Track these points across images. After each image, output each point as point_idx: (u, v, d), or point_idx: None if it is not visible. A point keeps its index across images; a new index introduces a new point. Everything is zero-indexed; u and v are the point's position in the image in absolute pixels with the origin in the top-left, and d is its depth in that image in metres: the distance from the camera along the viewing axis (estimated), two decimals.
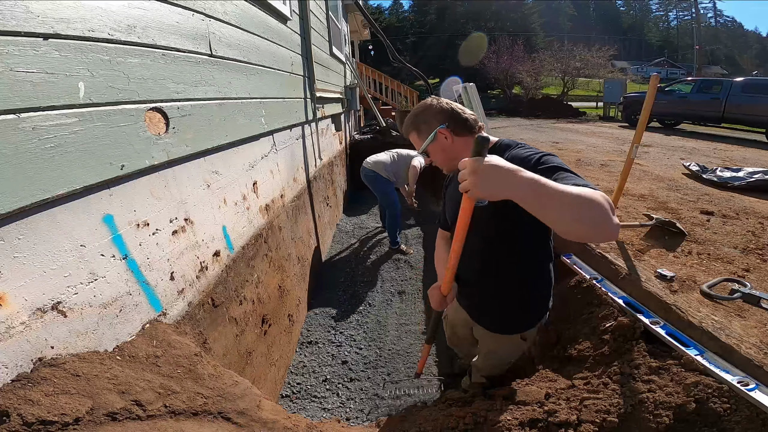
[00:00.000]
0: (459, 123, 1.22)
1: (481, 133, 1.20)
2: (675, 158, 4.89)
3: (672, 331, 1.35)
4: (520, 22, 29.47)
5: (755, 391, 1.06)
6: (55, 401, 0.83)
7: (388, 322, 3.00)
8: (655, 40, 50.08)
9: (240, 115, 2.03)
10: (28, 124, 0.87)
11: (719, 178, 3.49)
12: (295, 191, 3.14)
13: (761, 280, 1.69)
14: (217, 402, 1.13)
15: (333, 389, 2.36)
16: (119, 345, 1.10)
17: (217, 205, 1.78)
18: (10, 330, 0.82)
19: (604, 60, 18.61)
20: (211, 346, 1.54)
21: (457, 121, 1.22)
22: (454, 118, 1.22)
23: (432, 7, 30.28)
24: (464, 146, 1.23)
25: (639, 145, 2.03)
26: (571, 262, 1.95)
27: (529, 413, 1.18)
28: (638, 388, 1.18)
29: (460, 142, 1.23)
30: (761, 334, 1.28)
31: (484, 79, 18.96)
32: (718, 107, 8.16)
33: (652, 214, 2.35)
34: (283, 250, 2.64)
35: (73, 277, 0.98)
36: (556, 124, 10.60)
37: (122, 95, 1.16)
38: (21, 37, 0.86)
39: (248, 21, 2.20)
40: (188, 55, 1.54)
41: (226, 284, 1.76)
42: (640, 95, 10.32)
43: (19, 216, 0.86)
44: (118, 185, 1.16)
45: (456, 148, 1.23)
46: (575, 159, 4.76)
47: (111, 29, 1.13)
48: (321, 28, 4.62)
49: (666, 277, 1.65)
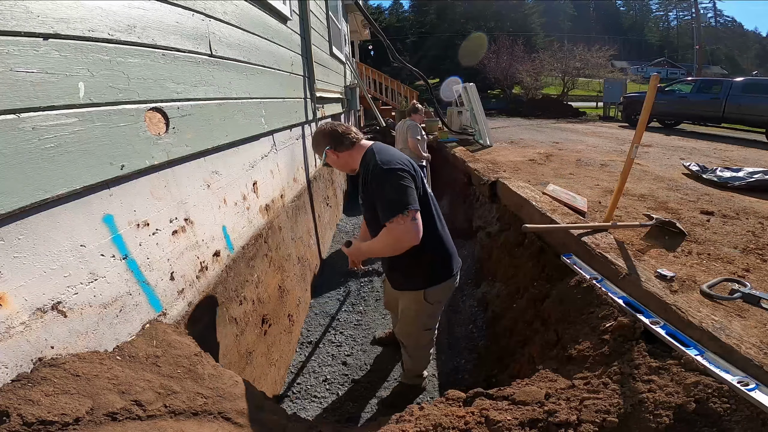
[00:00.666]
0: (338, 142, 1.61)
1: (360, 143, 1.63)
2: (675, 158, 4.89)
3: (672, 331, 1.35)
4: (520, 22, 29.43)
5: (755, 391, 1.06)
6: (55, 401, 0.83)
7: (388, 321, 3.00)
8: (655, 40, 50.08)
9: (240, 115, 2.03)
10: (28, 124, 0.87)
11: (719, 178, 3.49)
12: (295, 191, 3.14)
13: (761, 280, 1.69)
14: (217, 402, 1.13)
15: (333, 389, 2.36)
16: (119, 345, 1.10)
17: (217, 205, 1.78)
18: (10, 330, 0.82)
19: (604, 60, 18.59)
20: (211, 346, 1.54)
21: (336, 141, 1.61)
22: (334, 140, 1.61)
23: (432, 7, 30.25)
24: (349, 157, 1.63)
25: (639, 145, 2.03)
26: (571, 262, 1.95)
27: (529, 413, 1.18)
28: (638, 388, 1.18)
29: (345, 155, 1.63)
30: (761, 334, 1.28)
31: (484, 79, 18.93)
32: (718, 107, 8.15)
33: (652, 214, 2.35)
34: (283, 250, 2.64)
35: (73, 277, 0.98)
36: (556, 124, 10.60)
37: (122, 95, 1.16)
38: (21, 37, 0.86)
39: (248, 21, 2.20)
40: (188, 55, 1.54)
41: (226, 284, 1.76)
42: (640, 95, 10.32)
43: (19, 216, 0.86)
44: (118, 185, 1.16)
45: (341, 161, 1.65)
46: (575, 159, 4.76)
47: (111, 29, 1.13)
48: (321, 28, 4.62)
49: (666, 277, 1.65)
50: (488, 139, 6.07)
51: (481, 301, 3.00)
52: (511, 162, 4.55)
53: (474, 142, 6.35)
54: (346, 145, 1.61)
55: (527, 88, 17.85)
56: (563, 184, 3.30)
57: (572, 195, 2.85)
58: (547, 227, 2.26)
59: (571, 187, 3.26)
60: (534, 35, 28.96)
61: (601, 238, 2.00)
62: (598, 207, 2.74)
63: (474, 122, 6.39)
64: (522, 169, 4.08)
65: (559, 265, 2.06)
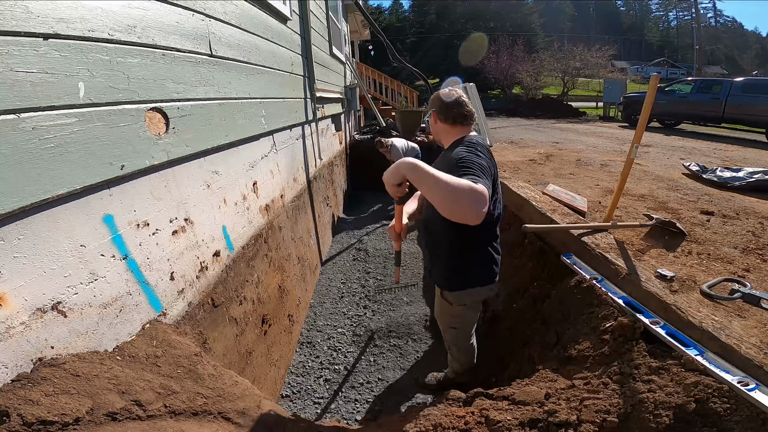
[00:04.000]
0: (445, 113, 1.60)
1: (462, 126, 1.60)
2: (675, 158, 4.89)
3: (672, 331, 1.35)
4: (520, 22, 29.44)
5: (755, 391, 1.06)
6: (55, 401, 0.83)
7: (388, 321, 3.00)
8: (655, 40, 50.06)
9: (240, 115, 2.03)
10: (28, 124, 0.87)
11: (719, 178, 3.49)
12: (295, 191, 3.14)
13: (761, 280, 1.69)
14: (217, 402, 1.13)
15: (333, 389, 2.36)
16: (119, 345, 1.10)
17: (217, 205, 1.78)
18: (10, 330, 0.82)
19: (604, 60, 18.62)
20: (211, 346, 1.54)
21: (444, 111, 1.60)
22: (443, 109, 1.60)
23: (432, 7, 30.25)
24: (443, 131, 1.64)
25: (639, 145, 2.03)
26: (571, 262, 1.95)
27: (529, 413, 1.18)
28: (638, 388, 1.18)
29: (442, 126, 1.63)
30: (761, 334, 1.28)
31: (484, 79, 18.94)
32: (718, 107, 8.15)
33: (652, 214, 2.35)
34: (283, 250, 2.64)
35: (73, 277, 0.98)
36: (556, 124, 10.60)
37: (122, 95, 1.16)
38: (21, 37, 0.86)
39: (248, 21, 2.20)
40: (188, 55, 1.54)
41: (226, 284, 1.76)
42: (640, 95, 10.32)
43: (19, 216, 0.86)
44: (118, 185, 1.16)
45: (437, 128, 1.66)
46: (575, 159, 4.75)
47: (111, 29, 1.13)
48: (321, 28, 4.62)
49: (666, 277, 1.65)
50: (488, 139, 6.06)
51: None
52: (511, 162, 4.55)
53: None
54: (449, 119, 1.59)
55: (527, 88, 17.86)
56: (563, 184, 3.30)
57: (572, 195, 2.85)
58: (547, 227, 2.26)
59: (571, 187, 3.26)
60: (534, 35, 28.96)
61: (601, 238, 2.00)
62: (598, 207, 2.74)
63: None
64: (522, 169, 4.08)
65: (559, 265, 2.06)
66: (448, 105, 1.57)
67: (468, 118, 1.58)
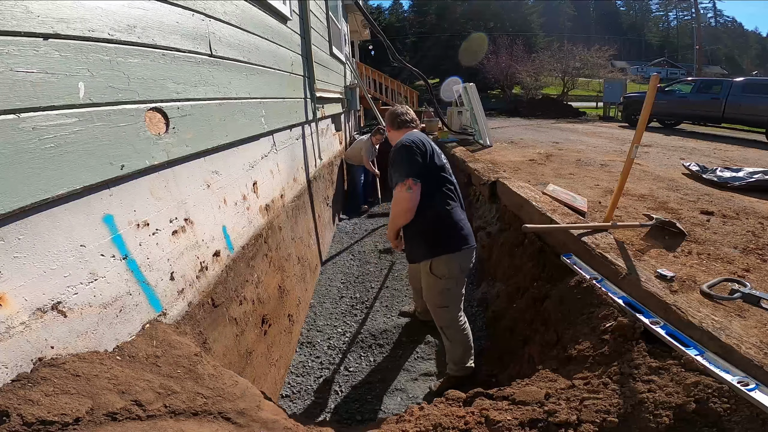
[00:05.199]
0: (391, 123, 2.16)
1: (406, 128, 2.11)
2: (675, 158, 4.89)
3: (672, 331, 1.35)
4: (520, 22, 29.39)
5: (755, 391, 1.06)
6: (55, 401, 0.83)
7: (388, 321, 3.00)
8: (655, 40, 50.06)
9: (240, 115, 2.03)
10: (28, 124, 0.87)
11: (719, 178, 3.49)
12: (295, 191, 3.14)
13: (761, 280, 1.69)
14: (217, 402, 1.13)
15: (333, 389, 2.36)
16: (119, 345, 1.10)
17: (217, 205, 1.78)
18: (10, 330, 0.82)
19: (604, 60, 18.58)
20: (211, 346, 1.54)
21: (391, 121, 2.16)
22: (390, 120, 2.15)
23: (432, 7, 30.21)
24: (394, 135, 2.14)
25: (639, 145, 2.03)
26: (571, 262, 1.95)
27: (529, 413, 1.18)
28: (638, 388, 1.18)
29: (392, 134, 2.17)
30: (761, 334, 1.28)
31: (484, 79, 18.92)
32: (718, 107, 8.14)
33: (652, 214, 2.35)
34: (283, 250, 2.64)
35: (73, 277, 0.98)
36: (556, 124, 10.60)
37: (122, 95, 1.16)
38: (21, 37, 0.86)
39: (248, 21, 2.20)
40: (188, 55, 1.54)
41: (226, 284, 1.76)
42: (640, 95, 10.31)
43: (19, 216, 0.86)
44: (118, 185, 1.16)
45: (391, 136, 2.17)
46: (575, 159, 4.75)
47: (111, 29, 1.13)
48: (321, 28, 4.62)
49: (666, 277, 1.65)
50: (488, 139, 6.07)
51: (481, 301, 3.00)
52: (511, 162, 4.55)
53: (474, 142, 6.34)
54: (394, 127, 2.12)
55: (527, 88, 17.84)
56: (563, 184, 3.30)
57: (572, 195, 2.85)
58: (547, 227, 2.26)
59: (571, 187, 3.26)
60: (534, 35, 28.94)
61: (601, 238, 2.00)
62: (598, 207, 2.74)
63: (474, 122, 6.38)
64: (522, 169, 4.08)
65: (559, 265, 2.06)
66: (395, 116, 2.12)
67: (407, 122, 2.09)
